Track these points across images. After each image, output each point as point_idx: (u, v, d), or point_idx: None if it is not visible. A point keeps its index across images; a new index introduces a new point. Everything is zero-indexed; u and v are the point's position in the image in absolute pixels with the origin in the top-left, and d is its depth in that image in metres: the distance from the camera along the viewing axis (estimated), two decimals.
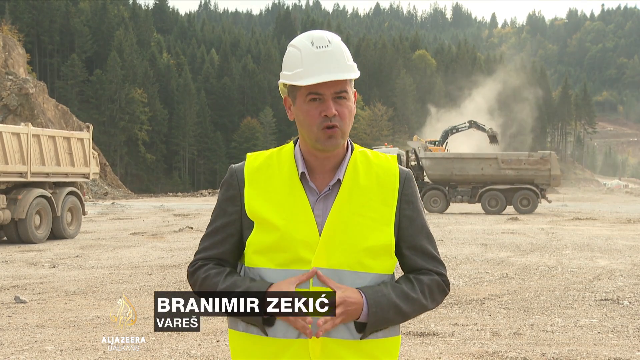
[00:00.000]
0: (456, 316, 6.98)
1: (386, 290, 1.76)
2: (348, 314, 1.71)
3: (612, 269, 10.31)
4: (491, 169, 27.07)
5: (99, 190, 45.24)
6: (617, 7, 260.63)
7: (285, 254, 1.76)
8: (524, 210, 26.66)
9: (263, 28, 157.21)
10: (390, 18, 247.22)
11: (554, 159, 27.42)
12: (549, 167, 26.81)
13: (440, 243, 13.97)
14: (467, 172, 27.05)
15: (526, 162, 27.03)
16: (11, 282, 9.33)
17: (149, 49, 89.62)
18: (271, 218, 1.77)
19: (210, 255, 1.86)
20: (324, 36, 1.79)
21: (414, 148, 29.40)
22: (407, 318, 1.80)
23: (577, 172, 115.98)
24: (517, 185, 26.91)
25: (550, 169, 26.83)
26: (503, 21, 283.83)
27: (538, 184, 26.98)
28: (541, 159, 26.97)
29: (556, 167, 27.58)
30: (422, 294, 1.80)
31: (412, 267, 1.85)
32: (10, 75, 43.63)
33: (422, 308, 1.81)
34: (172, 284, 9.06)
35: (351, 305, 1.71)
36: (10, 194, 14.55)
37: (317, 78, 1.73)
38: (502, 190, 26.98)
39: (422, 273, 1.84)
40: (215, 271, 1.81)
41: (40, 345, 5.77)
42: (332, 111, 1.75)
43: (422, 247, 1.85)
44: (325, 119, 1.75)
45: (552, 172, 26.92)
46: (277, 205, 1.79)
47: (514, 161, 27.06)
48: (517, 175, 26.96)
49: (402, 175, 1.86)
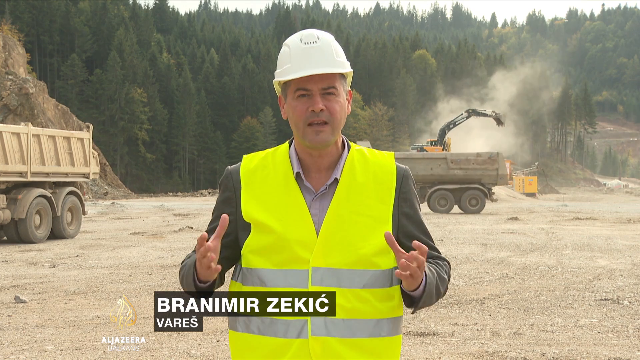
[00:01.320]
0: (456, 316, 6.98)
1: (429, 268, 1.76)
2: (416, 280, 1.65)
3: (612, 269, 10.31)
4: (440, 169, 27.23)
5: (99, 190, 45.24)
6: (617, 7, 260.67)
7: (283, 254, 1.76)
8: (472, 210, 26.94)
9: (263, 28, 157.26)
10: (390, 18, 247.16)
11: (501, 158, 28.08)
12: (497, 167, 27.45)
13: (440, 243, 13.97)
14: (417, 172, 27.01)
15: (475, 162, 27.53)
16: (11, 281, 9.33)
17: (149, 48, 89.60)
18: (267, 221, 1.77)
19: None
20: (313, 33, 1.80)
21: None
22: (438, 299, 1.80)
23: (577, 171, 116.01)
24: (466, 185, 27.15)
25: (498, 168, 27.52)
26: (503, 21, 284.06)
27: (485, 183, 27.46)
28: (489, 159, 27.58)
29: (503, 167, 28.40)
30: (447, 275, 1.84)
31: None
32: (10, 75, 43.63)
33: (446, 290, 1.84)
34: (172, 283, 9.06)
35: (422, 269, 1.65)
36: (10, 193, 14.55)
37: (302, 72, 1.73)
38: (451, 190, 27.20)
39: (434, 257, 1.86)
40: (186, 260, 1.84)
41: (40, 345, 5.77)
42: (318, 106, 1.74)
43: (423, 242, 1.86)
44: (312, 114, 1.75)
45: (500, 171, 27.58)
46: (273, 206, 1.79)
47: (462, 161, 27.28)
48: (466, 175, 27.18)
49: (399, 172, 1.86)
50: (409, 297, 1.75)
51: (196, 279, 1.74)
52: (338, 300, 1.74)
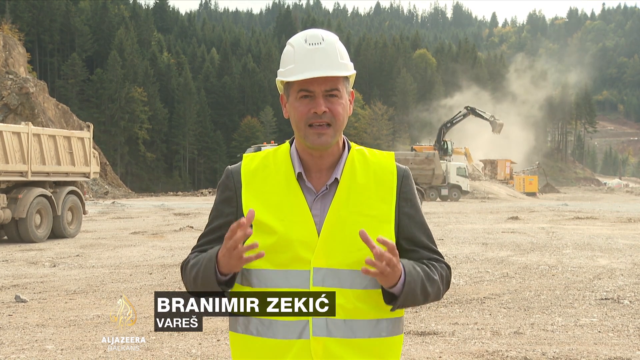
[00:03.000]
0: (456, 315, 6.98)
1: (414, 267, 1.75)
2: (393, 270, 1.65)
3: (613, 268, 10.31)
4: None
5: (100, 189, 45.24)
6: (618, 6, 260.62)
7: (284, 254, 1.75)
8: None
9: (263, 27, 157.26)
10: (390, 17, 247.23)
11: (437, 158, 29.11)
12: (433, 167, 27.82)
13: (441, 242, 13.97)
14: None
15: (413, 162, 28.02)
16: (12, 281, 9.34)
17: (150, 48, 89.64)
18: (269, 221, 1.77)
19: (203, 250, 1.86)
20: (318, 34, 1.79)
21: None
22: (426, 300, 1.78)
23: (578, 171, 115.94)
24: None
25: (434, 168, 27.84)
26: (503, 20, 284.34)
27: (421, 182, 27.70)
28: (426, 159, 28.06)
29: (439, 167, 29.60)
30: (439, 277, 1.81)
31: (417, 260, 1.85)
32: (10, 75, 43.63)
33: (438, 292, 1.81)
34: (173, 283, 9.06)
35: (397, 272, 1.66)
36: (11, 193, 14.55)
37: (306, 74, 1.73)
38: None
39: (432, 260, 1.85)
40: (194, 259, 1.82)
41: (40, 344, 5.77)
42: (321, 108, 1.74)
43: (422, 244, 1.86)
44: (314, 115, 1.75)
45: (436, 171, 28.09)
46: (274, 207, 1.78)
47: (401, 160, 27.55)
48: None
49: (399, 173, 1.86)
50: (389, 293, 1.74)
51: (218, 272, 1.71)
52: (339, 300, 1.73)
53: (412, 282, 1.70)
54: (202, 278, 1.74)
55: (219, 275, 1.71)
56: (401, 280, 1.69)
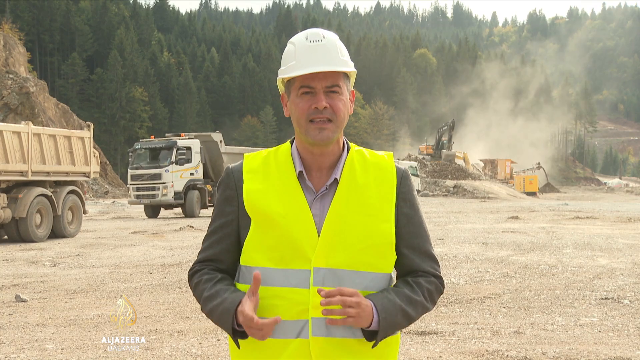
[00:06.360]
0: (457, 315, 6.97)
1: (391, 295, 1.76)
2: (360, 318, 1.68)
3: (613, 268, 10.30)
4: None
5: (100, 189, 45.24)
6: (618, 6, 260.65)
7: (284, 252, 1.75)
8: None
9: (263, 27, 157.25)
10: (390, 17, 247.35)
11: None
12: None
13: (441, 242, 13.97)
14: None
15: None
16: (12, 280, 9.34)
17: (150, 47, 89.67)
18: (270, 213, 1.77)
19: (207, 257, 1.87)
20: (318, 32, 1.80)
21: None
22: (412, 321, 1.80)
23: (578, 170, 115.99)
24: None
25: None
26: (504, 20, 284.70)
27: None
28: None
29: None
30: (423, 297, 1.81)
31: (409, 267, 1.85)
32: (10, 74, 43.62)
33: (424, 310, 1.82)
34: (173, 282, 9.06)
35: (366, 309, 1.68)
36: (11, 192, 14.55)
37: (308, 69, 1.73)
38: None
39: (419, 275, 1.84)
40: (206, 277, 1.83)
41: (40, 344, 5.77)
42: (322, 103, 1.74)
43: (419, 246, 1.85)
44: (315, 111, 1.75)
45: None
46: (275, 205, 1.78)
47: None
48: None
49: (398, 173, 1.86)
50: (368, 331, 1.74)
51: (235, 323, 1.73)
52: None
53: (388, 317, 1.72)
54: (217, 321, 1.78)
55: (237, 327, 1.74)
56: (375, 319, 1.70)
